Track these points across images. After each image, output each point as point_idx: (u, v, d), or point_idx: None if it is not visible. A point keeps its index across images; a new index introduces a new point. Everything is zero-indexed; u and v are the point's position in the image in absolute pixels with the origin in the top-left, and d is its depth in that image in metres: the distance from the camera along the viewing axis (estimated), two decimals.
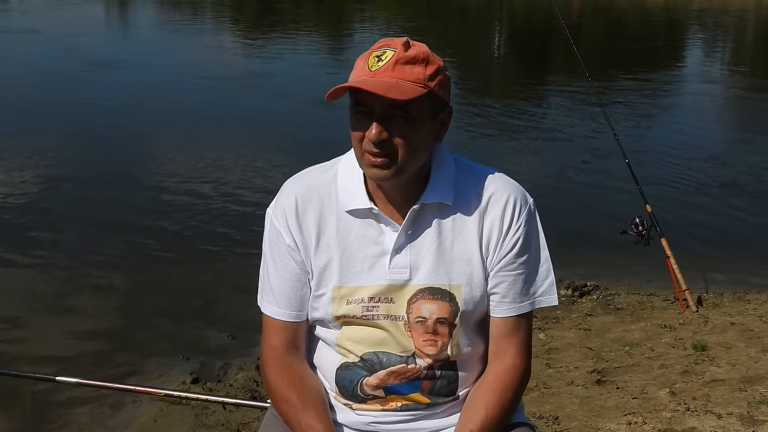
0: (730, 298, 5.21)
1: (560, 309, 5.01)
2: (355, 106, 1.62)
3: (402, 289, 1.68)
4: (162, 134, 9.50)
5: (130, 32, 20.32)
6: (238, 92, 11.87)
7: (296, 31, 19.47)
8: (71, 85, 12.24)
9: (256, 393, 3.97)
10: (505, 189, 1.71)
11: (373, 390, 1.72)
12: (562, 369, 4.11)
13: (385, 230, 1.69)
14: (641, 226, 5.23)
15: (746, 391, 3.63)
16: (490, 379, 1.72)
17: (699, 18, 23.64)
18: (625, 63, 15.43)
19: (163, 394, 2.98)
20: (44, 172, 7.78)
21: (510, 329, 1.73)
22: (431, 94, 1.60)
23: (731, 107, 12.32)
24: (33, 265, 5.71)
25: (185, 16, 22.62)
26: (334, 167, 1.76)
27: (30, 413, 3.98)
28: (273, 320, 1.77)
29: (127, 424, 3.87)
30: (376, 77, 1.58)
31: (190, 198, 7.13)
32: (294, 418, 1.70)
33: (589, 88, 6.42)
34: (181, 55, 14.95)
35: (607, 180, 7.70)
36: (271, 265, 1.76)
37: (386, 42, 1.64)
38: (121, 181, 7.62)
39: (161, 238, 6.22)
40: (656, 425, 3.36)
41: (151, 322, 4.93)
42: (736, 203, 7.34)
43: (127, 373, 4.28)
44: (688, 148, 9.15)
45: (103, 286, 5.40)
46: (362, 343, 1.71)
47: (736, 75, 15.19)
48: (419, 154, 1.64)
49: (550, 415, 3.54)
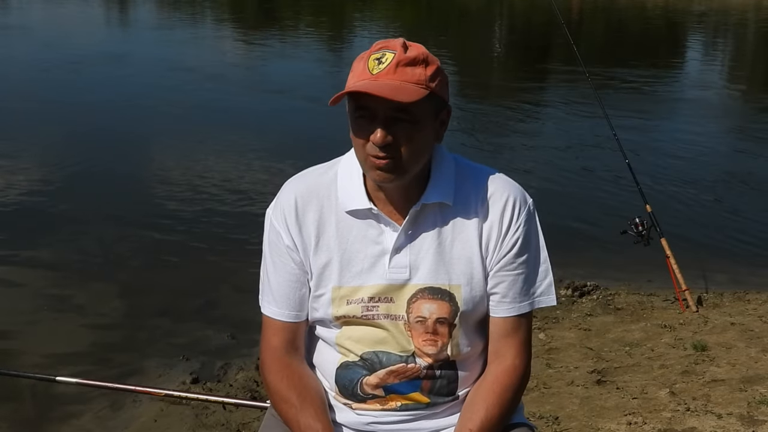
0: (730, 298, 5.20)
1: (560, 309, 5.01)
2: (357, 111, 1.61)
3: (402, 289, 1.68)
4: (162, 134, 9.50)
5: (129, 32, 20.32)
6: (238, 92, 11.87)
7: (296, 31, 19.47)
8: (71, 85, 12.24)
9: (256, 393, 3.97)
10: (504, 189, 1.71)
11: (372, 389, 1.72)
12: (562, 369, 4.11)
13: (385, 230, 1.69)
14: (641, 226, 5.23)
15: (746, 391, 3.62)
16: (489, 380, 1.72)
17: (699, 18, 23.64)
18: (625, 63, 15.43)
19: (163, 394, 2.98)
20: (44, 171, 7.78)
21: (510, 329, 1.73)
22: (432, 94, 1.60)
23: (731, 107, 12.31)
24: (32, 265, 5.70)
25: (185, 16, 22.62)
26: (334, 168, 1.76)
27: (30, 413, 3.98)
28: (272, 320, 1.77)
29: (127, 424, 3.87)
30: (379, 80, 1.57)
31: (190, 198, 7.13)
32: (293, 417, 1.70)
33: (589, 87, 6.41)
34: (181, 55, 14.94)
35: (607, 180, 7.70)
36: (270, 266, 1.76)
37: (384, 44, 1.64)
38: (120, 181, 7.62)
39: (161, 238, 6.22)
40: (656, 425, 3.36)
41: (151, 322, 4.93)
42: (737, 203, 7.34)
43: (127, 373, 4.28)
44: (688, 147, 9.16)
45: (103, 286, 5.39)
46: (362, 343, 1.71)
47: (737, 75, 15.20)
48: (423, 155, 1.65)
49: (550, 415, 3.53)
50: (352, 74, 1.63)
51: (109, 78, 12.61)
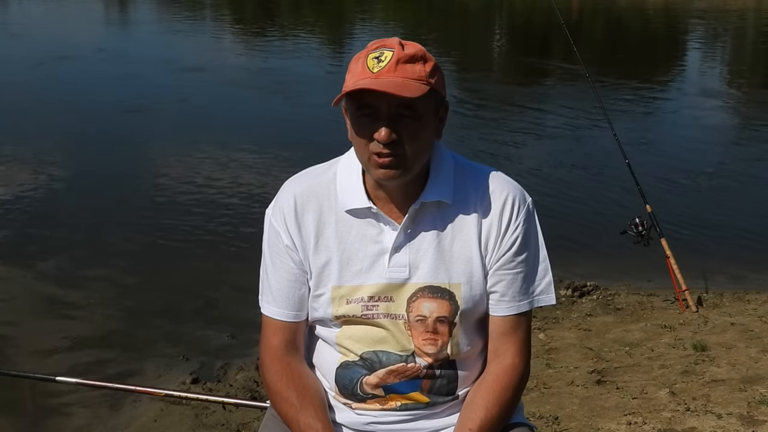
0: (730, 298, 5.20)
1: (560, 309, 5.01)
2: (359, 110, 1.61)
3: (401, 288, 1.68)
4: (161, 134, 9.51)
5: (129, 31, 20.31)
6: (238, 92, 11.87)
7: (296, 31, 19.46)
8: (70, 84, 12.25)
9: (256, 393, 3.97)
10: (504, 188, 1.71)
11: (372, 389, 1.72)
12: (562, 369, 4.11)
13: (385, 229, 1.69)
14: (641, 226, 5.23)
15: (746, 391, 3.62)
16: (489, 379, 1.72)
17: (699, 18, 23.64)
18: (625, 63, 15.43)
19: (163, 394, 2.98)
20: (44, 172, 7.78)
21: (509, 328, 1.73)
22: (433, 90, 1.61)
23: (732, 107, 12.31)
24: (33, 265, 5.71)
25: (185, 16, 22.61)
26: (333, 167, 1.76)
27: (30, 413, 3.98)
28: (272, 320, 1.77)
29: (127, 424, 3.87)
30: (381, 78, 1.57)
31: (191, 198, 7.13)
32: (293, 417, 1.70)
33: (589, 87, 6.41)
34: (181, 55, 14.93)
35: (607, 180, 7.70)
36: (270, 266, 1.76)
37: (380, 43, 1.64)
38: (120, 181, 7.63)
39: (161, 238, 6.22)
40: (656, 425, 3.36)
41: (151, 322, 4.93)
42: (737, 203, 7.34)
43: (127, 373, 4.28)
44: (688, 148, 9.16)
45: (103, 286, 5.40)
46: (362, 342, 1.71)
47: (737, 75, 15.19)
48: (425, 151, 1.65)
49: (550, 415, 3.53)
50: (350, 74, 1.63)
51: (109, 78, 12.60)
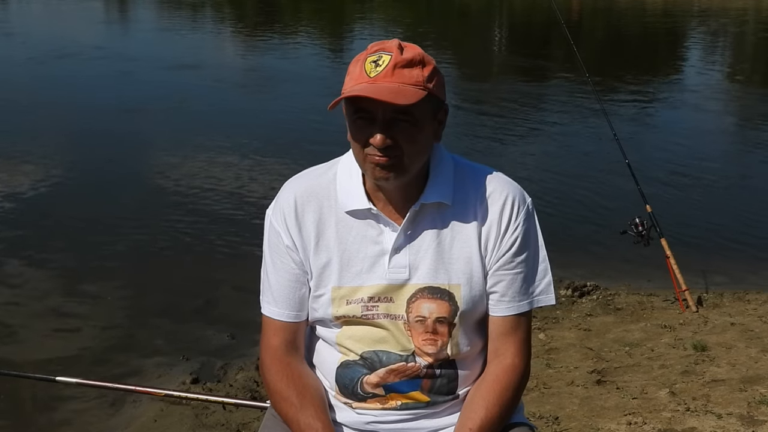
0: (730, 298, 5.20)
1: (560, 309, 5.01)
2: (356, 114, 1.61)
3: (401, 289, 1.69)
4: (161, 134, 9.50)
5: (129, 31, 20.31)
6: (238, 93, 11.88)
7: (296, 32, 19.46)
8: (69, 84, 12.25)
9: (256, 393, 3.97)
10: (503, 188, 1.72)
11: (373, 388, 1.72)
12: (562, 369, 4.11)
13: (385, 230, 1.70)
14: (641, 226, 5.23)
15: (746, 391, 3.62)
16: (489, 379, 1.73)
17: (699, 18, 23.64)
18: (625, 63, 15.43)
19: (163, 394, 2.97)
20: (44, 172, 7.78)
21: (509, 328, 1.73)
22: (430, 95, 1.60)
23: (731, 107, 12.30)
24: (33, 266, 5.71)
25: (185, 16, 22.61)
26: (333, 168, 1.76)
27: (30, 413, 3.98)
28: (272, 320, 1.77)
29: (127, 424, 3.87)
30: (377, 83, 1.57)
31: (191, 198, 7.13)
32: (293, 417, 1.70)
33: (589, 87, 6.41)
34: (181, 55, 14.93)
35: (607, 180, 7.70)
36: (270, 266, 1.77)
37: (379, 45, 1.64)
38: (120, 181, 7.62)
39: (161, 238, 6.22)
40: (656, 425, 3.36)
41: (151, 322, 4.93)
42: (737, 203, 7.34)
43: (127, 373, 4.28)
44: (688, 148, 9.15)
45: (103, 286, 5.40)
46: (362, 342, 1.71)
47: (737, 75, 15.18)
48: (423, 154, 1.65)
49: (550, 415, 3.53)
50: (349, 77, 1.63)
51: (109, 77, 12.59)
